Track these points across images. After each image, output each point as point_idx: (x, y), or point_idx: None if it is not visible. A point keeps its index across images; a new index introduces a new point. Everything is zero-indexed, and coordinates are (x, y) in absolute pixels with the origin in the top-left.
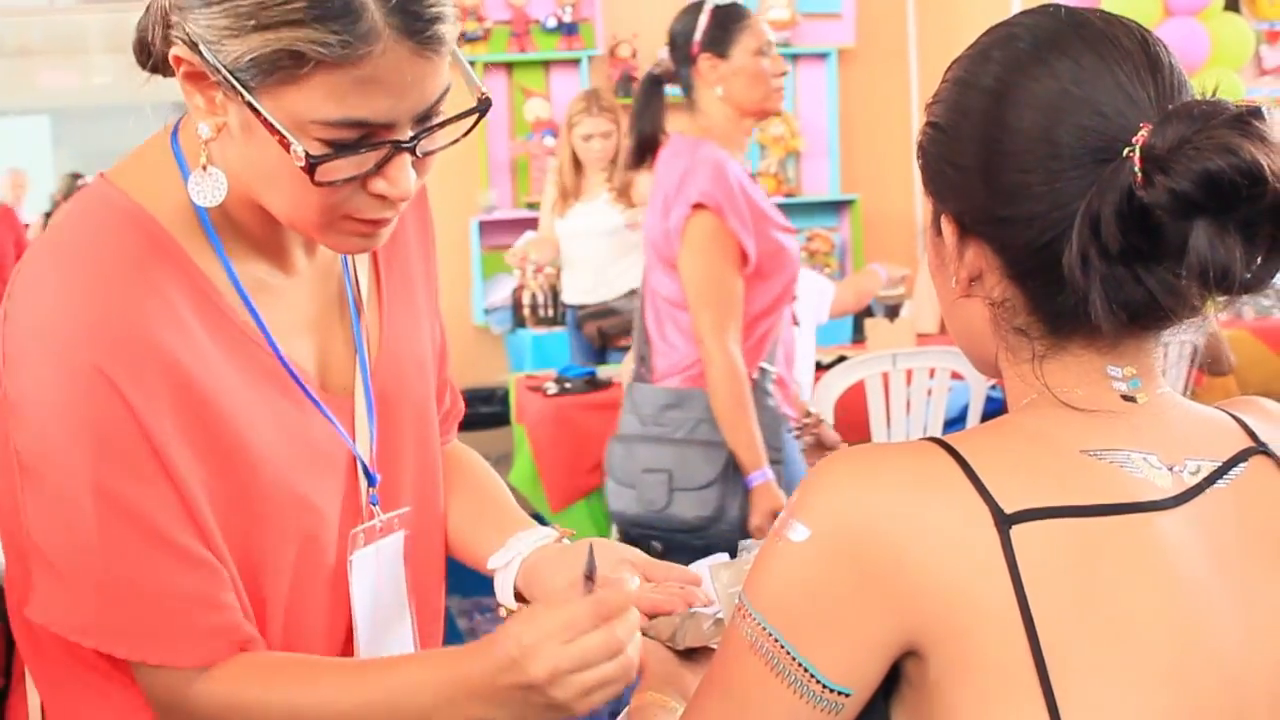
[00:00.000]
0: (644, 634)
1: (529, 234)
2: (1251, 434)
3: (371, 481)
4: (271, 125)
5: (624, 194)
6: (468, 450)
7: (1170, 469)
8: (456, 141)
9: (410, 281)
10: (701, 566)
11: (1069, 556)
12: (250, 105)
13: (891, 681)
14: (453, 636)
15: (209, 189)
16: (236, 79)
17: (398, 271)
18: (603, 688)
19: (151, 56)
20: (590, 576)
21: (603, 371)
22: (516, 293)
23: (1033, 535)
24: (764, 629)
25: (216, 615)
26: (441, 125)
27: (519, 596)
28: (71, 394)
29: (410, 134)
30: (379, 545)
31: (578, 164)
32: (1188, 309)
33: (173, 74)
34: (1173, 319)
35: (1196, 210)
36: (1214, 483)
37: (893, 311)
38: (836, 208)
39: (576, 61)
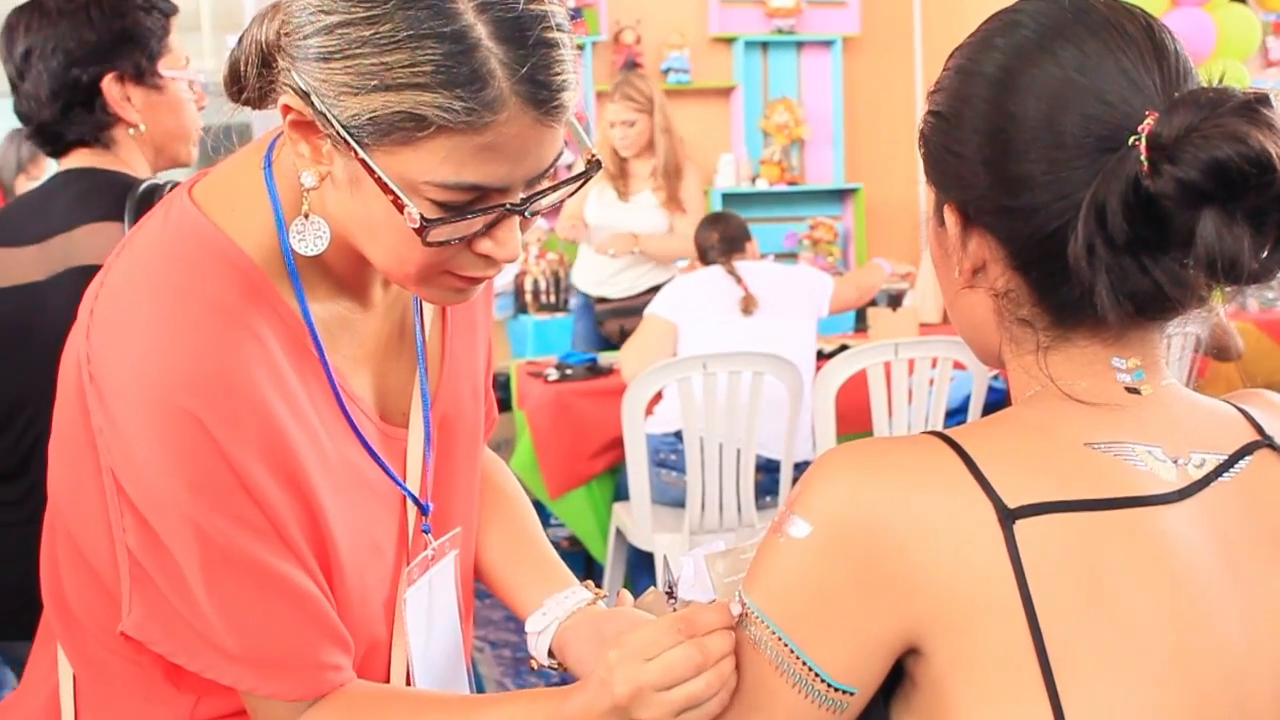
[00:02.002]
0: None
1: (540, 221)
2: (1257, 427)
3: (425, 511)
4: (385, 184)
5: (673, 198)
6: (497, 463)
7: (1175, 462)
8: (560, 201)
9: (473, 308)
10: (697, 555)
11: (1072, 551)
12: (363, 162)
13: (892, 680)
14: None
15: (311, 238)
16: (350, 134)
17: None
18: (694, 707)
19: (244, 90)
20: (671, 593)
21: (604, 358)
22: (519, 278)
23: (1036, 530)
24: (768, 627)
25: (326, 649)
26: (553, 189)
27: (551, 656)
28: (166, 435)
29: (521, 197)
30: (430, 575)
31: (615, 150)
32: (1194, 299)
33: (261, 107)
34: (1179, 310)
35: (1204, 199)
36: (1219, 476)
37: (895, 301)
38: (840, 196)
39: (580, 47)
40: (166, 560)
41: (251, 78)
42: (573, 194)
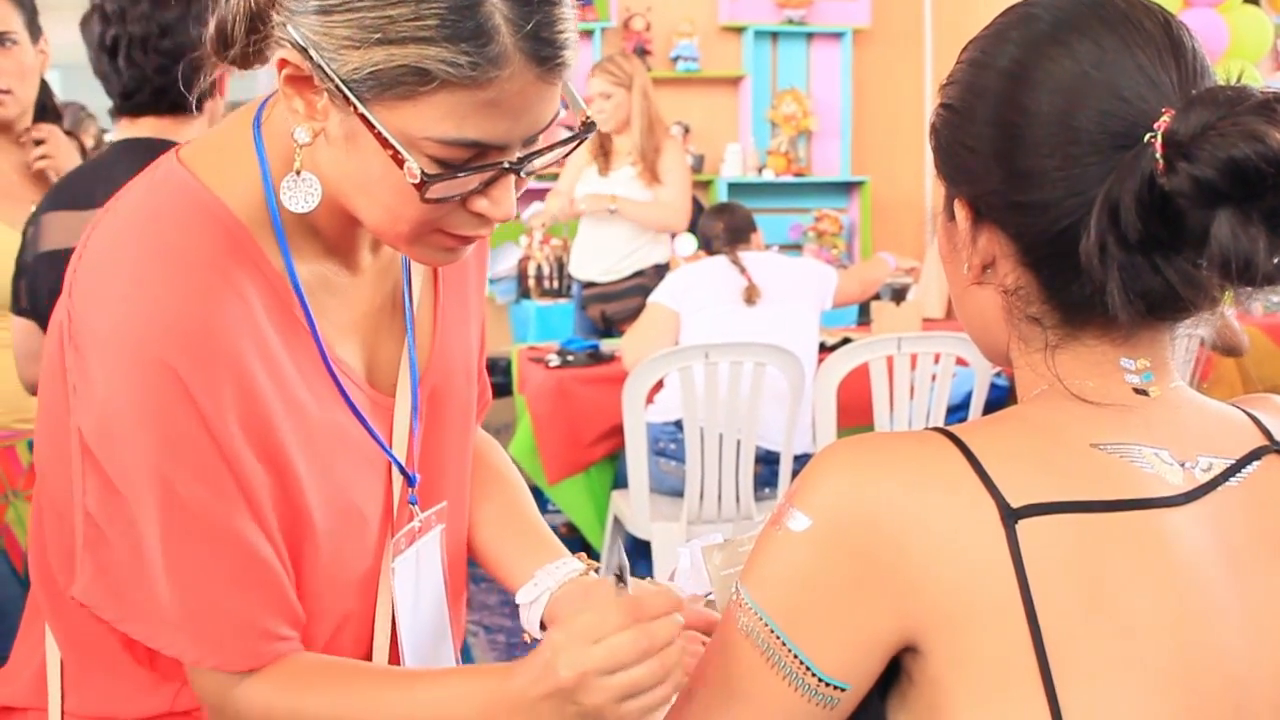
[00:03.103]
0: None
1: (537, 205)
2: (1266, 432)
3: (411, 482)
4: (385, 139)
5: (650, 170)
6: (493, 444)
7: (1182, 465)
8: (553, 163)
9: (465, 283)
10: (694, 547)
11: (1075, 552)
12: (363, 117)
13: (888, 677)
14: None
15: (302, 195)
16: (350, 89)
17: (455, 272)
18: (639, 693)
19: (230, 48)
20: (621, 577)
21: (606, 345)
22: (522, 263)
23: (1039, 530)
24: (760, 618)
25: (270, 619)
26: (549, 149)
27: (543, 627)
28: (141, 386)
29: (518, 156)
30: (418, 547)
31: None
32: (1207, 300)
33: (251, 67)
34: (1191, 310)
35: (1220, 198)
36: (1226, 480)
37: (899, 295)
38: (846, 189)
39: (590, 33)
40: (124, 519)
41: (239, 36)
42: (567, 155)
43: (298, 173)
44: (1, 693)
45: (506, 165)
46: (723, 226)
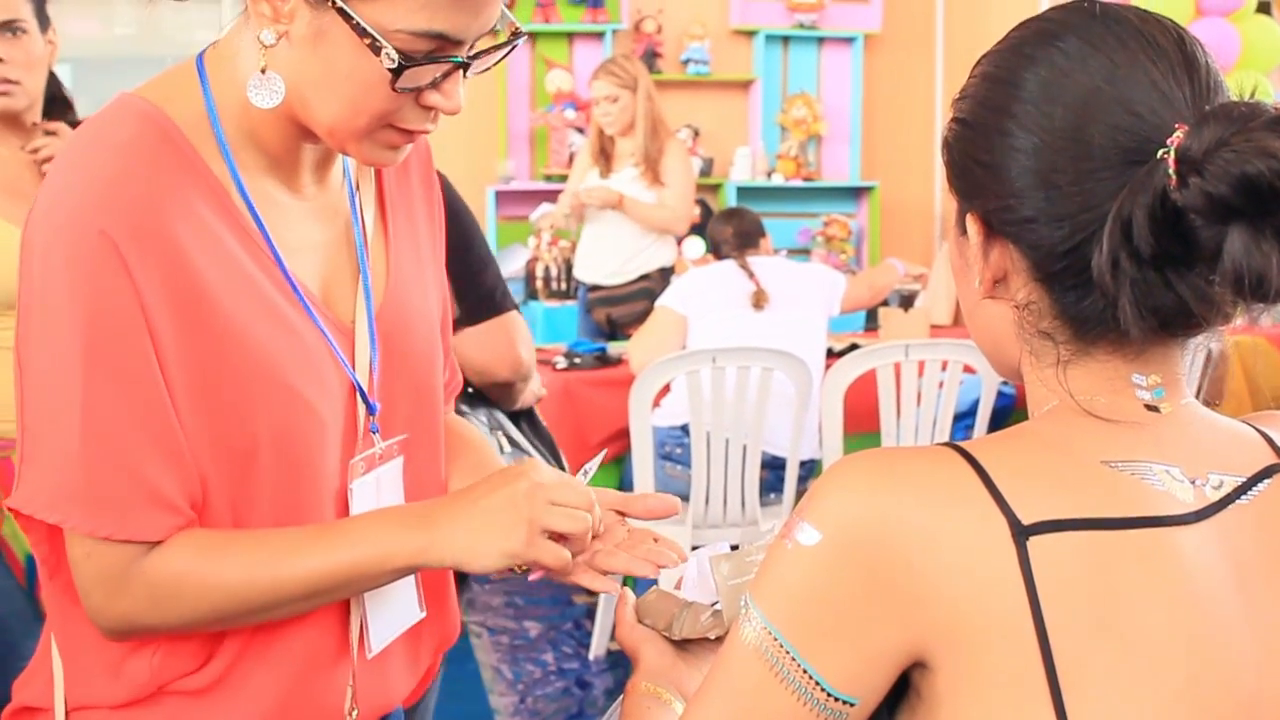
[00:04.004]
0: (640, 623)
1: (545, 206)
2: (1277, 450)
3: (371, 409)
4: (362, 30)
5: (653, 171)
6: (465, 423)
7: (1193, 482)
8: (488, 69)
9: (415, 231)
10: (701, 556)
11: (1086, 570)
12: (341, 10)
13: (897, 693)
14: None
15: (268, 92)
16: None
17: (404, 218)
18: (564, 522)
19: None
20: (586, 473)
21: (613, 348)
22: (530, 264)
23: (1050, 547)
24: (768, 632)
25: (177, 493)
26: (492, 50)
27: None
28: (75, 259)
29: (469, 53)
30: (379, 474)
31: (601, 129)
32: (1219, 316)
33: None
34: (1203, 326)
35: (1233, 214)
36: (1237, 498)
37: (907, 301)
38: (855, 194)
39: (600, 35)
40: (46, 399)
41: None
42: (503, 58)
43: (263, 71)
44: (22, 694)
45: (461, 60)
46: (732, 231)
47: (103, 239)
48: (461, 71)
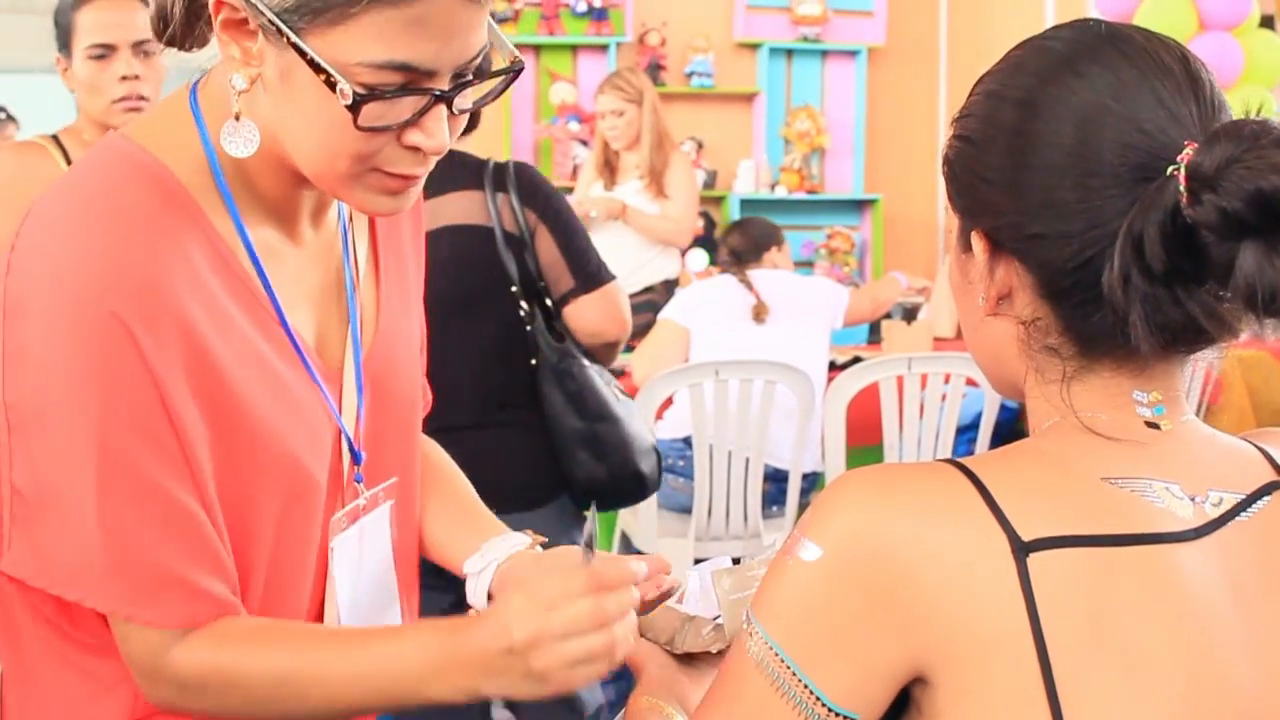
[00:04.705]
0: (642, 636)
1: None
2: (1277, 467)
3: (357, 459)
4: (317, 66)
5: (657, 182)
6: (435, 446)
7: (1193, 499)
8: (488, 102)
9: (405, 275)
10: (704, 570)
11: (1086, 586)
12: (296, 47)
13: (897, 708)
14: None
15: (242, 140)
16: (283, 20)
17: (394, 261)
18: (588, 662)
19: (169, 27)
20: (590, 545)
21: (616, 360)
22: None
23: (1050, 564)
24: (770, 647)
25: (205, 577)
26: (477, 80)
27: (490, 600)
28: (85, 341)
29: (449, 86)
30: (362, 525)
31: (607, 143)
32: (1227, 332)
33: (190, 48)
34: (1210, 342)
35: (1246, 230)
36: (1236, 515)
37: (910, 314)
38: (859, 206)
39: (605, 47)
40: (56, 481)
41: (178, 15)
42: (500, 94)
43: (236, 117)
44: None
45: (438, 94)
46: (729, 247)
47: (114, 322)
48: (446, 106)
